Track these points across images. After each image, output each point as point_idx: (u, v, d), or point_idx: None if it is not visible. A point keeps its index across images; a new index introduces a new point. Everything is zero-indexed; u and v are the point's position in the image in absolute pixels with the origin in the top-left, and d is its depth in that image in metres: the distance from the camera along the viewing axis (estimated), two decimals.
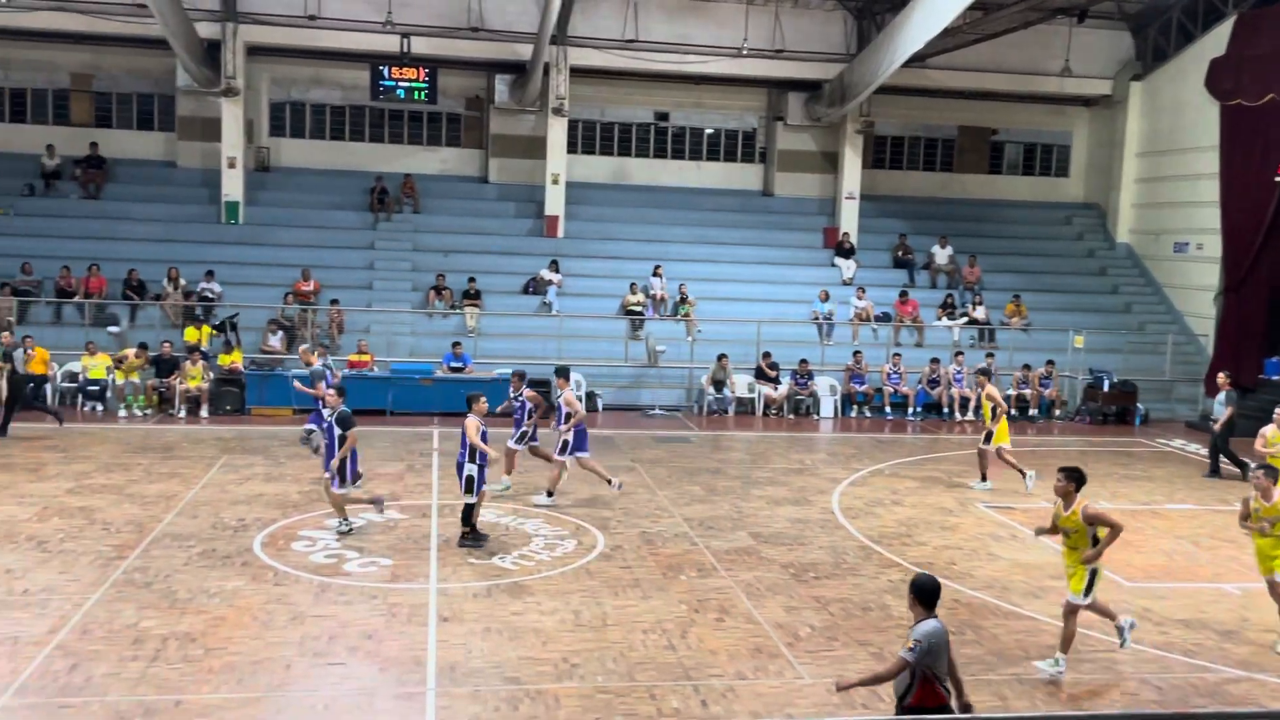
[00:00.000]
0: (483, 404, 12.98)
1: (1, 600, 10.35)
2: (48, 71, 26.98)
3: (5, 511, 13.33)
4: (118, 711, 8.15)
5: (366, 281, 25.31)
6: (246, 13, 25.21)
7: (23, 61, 26.73)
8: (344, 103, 28.20)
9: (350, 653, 9.46)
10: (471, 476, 12.50)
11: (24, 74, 26.92)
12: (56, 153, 26.23)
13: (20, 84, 26.97)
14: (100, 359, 20.91)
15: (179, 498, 14.35)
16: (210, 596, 10.67)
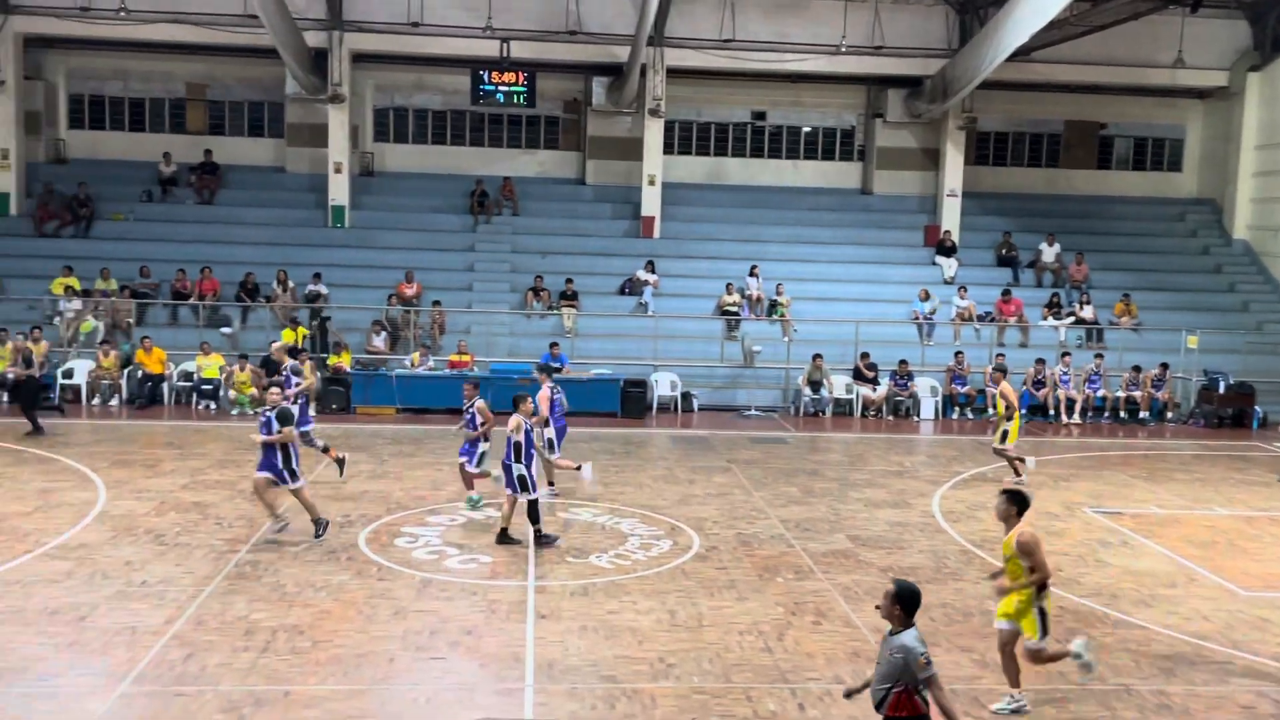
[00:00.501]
0: (529, 405, 13.03)
1: (120, 591, 10.78)
2: (164, 82, 28.07)
3: (125, 506, 13.88)
4: (230, 700, 8.43)
5: (467, 283, 25.73)
6: (352, 21, 25.86)
7: (141, 73, 27.86)
8: (445, 107, 28.72)
9: (451, 648, 9.63)
10: (524, 476, 12.52)
11: (142, 85, 28.04)
12: (173, 160, 27.26)
13: (139, 94, 28.10)
14: (214, 359, 21.64)
15: (287, 494, 14.75)
16: (317, 590, 10.96)
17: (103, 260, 24.26)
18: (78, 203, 25.86)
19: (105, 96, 28.06)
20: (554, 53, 26.49)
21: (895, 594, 6.57)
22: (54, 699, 8.40)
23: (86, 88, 27.97)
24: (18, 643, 9.43)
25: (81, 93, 27.98)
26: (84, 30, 25.14)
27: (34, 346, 21.23)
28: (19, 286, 23.83)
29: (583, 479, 15.02)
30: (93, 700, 8.36)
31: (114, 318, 23.12)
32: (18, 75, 25.58)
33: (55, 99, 27.60)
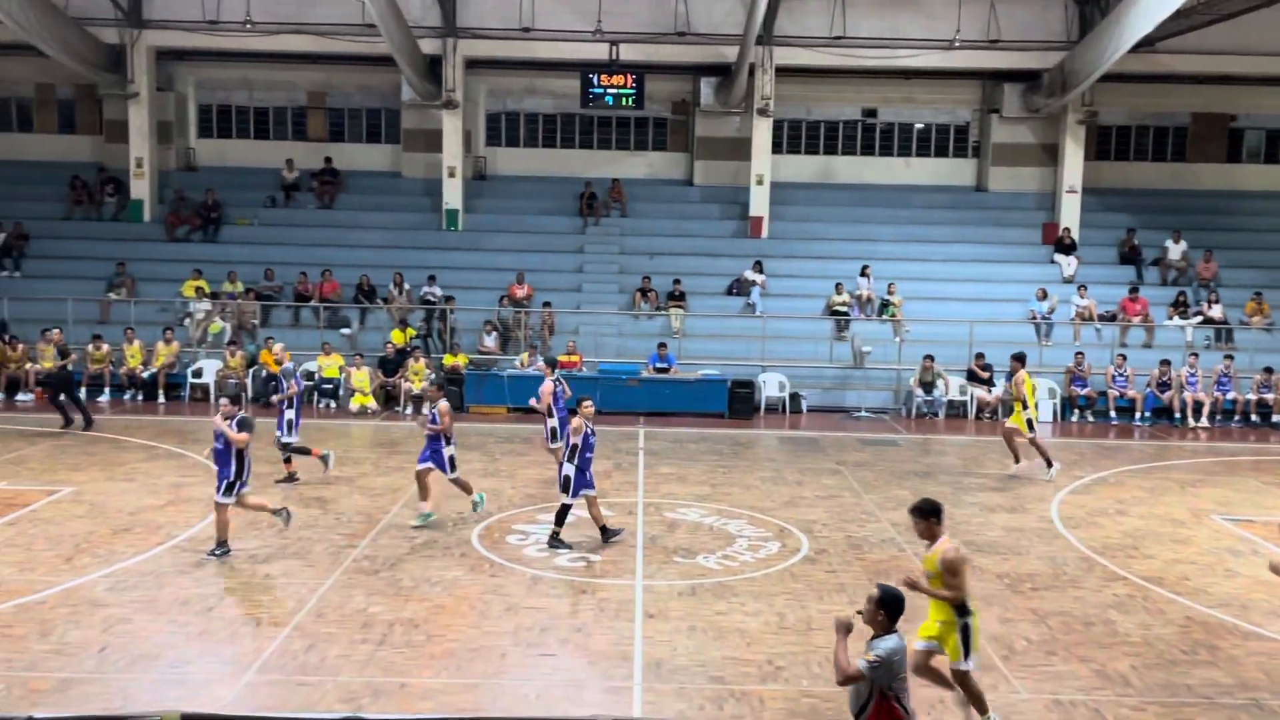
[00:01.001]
0: (589, 408, 12.79)
1: (246, 583, 11.21)
2: (287, 91, 29.04)
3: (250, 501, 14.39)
4: (349, 691, 8.69)
5: (576, 284, 25.99)
6: (466, 28, 26.37)
7: (265, 82, 28.88)
8: (555, 111, 29.07)
9: (561, 645, 9.75)
10: (569, 476, 12.47)
11: (266, 94, 29.06)
12: (295, 166, 28.19)
13: (263, 103, 29.13)
14: (334, 359, 22.29)
15: (404, 491, 15.13)
16: (432, 585, 11.22)
17: (229, 264, 25.22)
18: (206, 209, 26.93)
19: (232, 106, 29.17)
20: (663, 54, 26.58)
21: (879, 599, 6.42)
22: (184, 685, 8.77)
23: (214, 98, 29.12)
24: (150, 631, 9.88)
25: (210, 103, 29.15)
26: (212, 42, 26.20)
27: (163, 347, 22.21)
28: (151, 289, 24.92)
29: None
30: (220, 687, 8.71)
31: (240, 319, 24.01)
32: (151, 87, 26.76)
33: (185, 109, 28.81)
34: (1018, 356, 17.57)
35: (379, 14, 22.14)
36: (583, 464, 12.46)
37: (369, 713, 8.08)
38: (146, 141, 26.86)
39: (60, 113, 28.98)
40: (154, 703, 8.22)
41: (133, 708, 7.71)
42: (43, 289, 24.27)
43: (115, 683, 8.75)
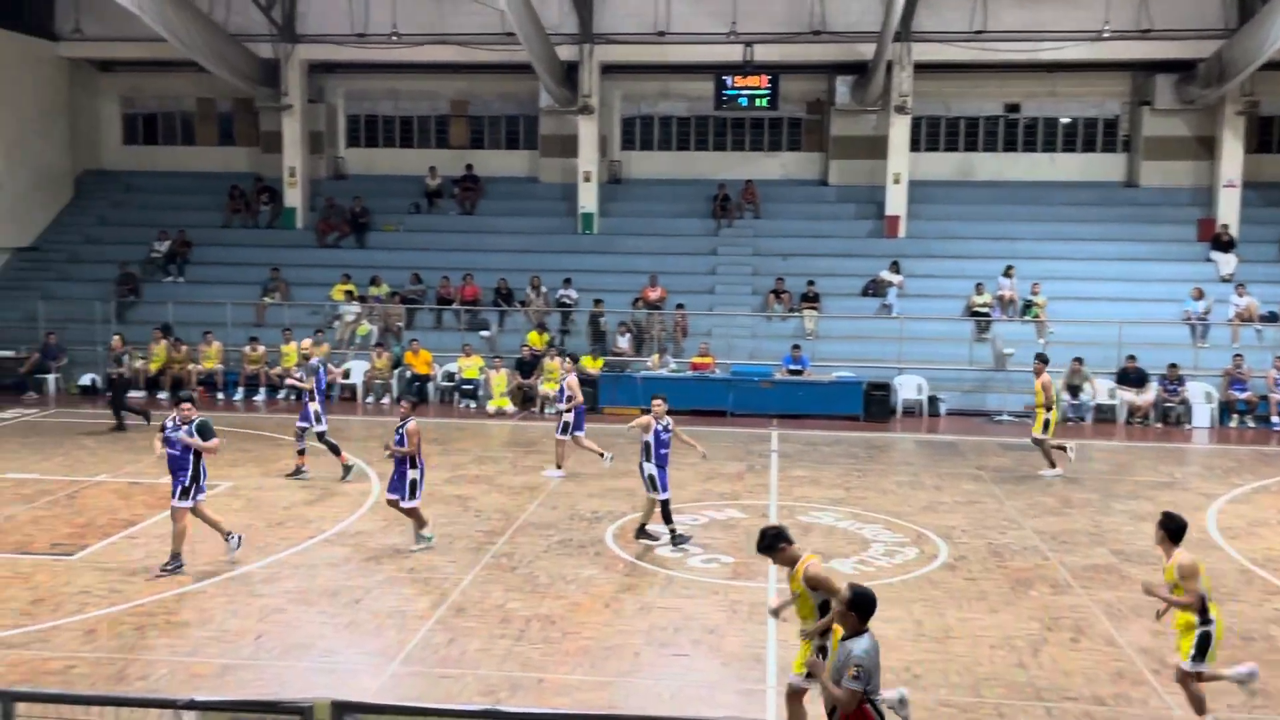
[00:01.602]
0: (661, 407, 12.88)
1: (391, 577, 11.60)
2: (430, 100, 29.93)
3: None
4: (488, 684, 8.92)
5: (709, 286, 26.02)
6: (602, 33, 26.71)
7: (410, 92, 29.82)
8: (689, 114, 29.17)
9: (694, 645, 9.80)
10: (652, 475, 12.56)
11: (411, 103, 30.01)
12: (438, 173, 29.02)
13: (408, 112, 30.09)
14: (474, 360, 22.86)
15: (540, 490, 15.44)
16: (567, 583, 11.42)
17: (376, 268, 26.12)
18: (354, 215, 27.97)
19: (379, 116, 30.22)
20: (797, 54, 26.39)
21: (850, 599, 6.31)
22: (333, 674, 9.15)
23: (362, 108, 30.22)
24: (302, 621, 10.34)
25: (358, 113, 30.25)
26: (360, 55, 27.20)
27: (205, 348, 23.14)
28: (303, 293, 26.01)
29: (603, 466, 15.93)
30: (367, 677, 9.05)
31: (386, 321, 24.85)
32: (303, 99, 27.95)
33: (335, 119, 29.98)
34: (1041, 358, 17.50)
35: (518, 22, 22.62)
36: (660, 461, 12.60)
37: (507, 706, 8.28)
38: (299, 151, 28.06)
39: (220, 125, 30.51)
40: (306, 690, 8.57)
41: (286, 694, 8.07)
42: (204, 293, 25.60)
43: (270, 670, 9.19)
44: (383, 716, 5.22)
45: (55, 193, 28.93)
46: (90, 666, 9.13)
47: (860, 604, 6.31)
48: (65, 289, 26.15)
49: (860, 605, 6.30)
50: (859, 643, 6.23)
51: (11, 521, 13.41)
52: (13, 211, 27.05)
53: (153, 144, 30.51)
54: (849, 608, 6.33)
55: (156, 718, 5.25)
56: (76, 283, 26.48)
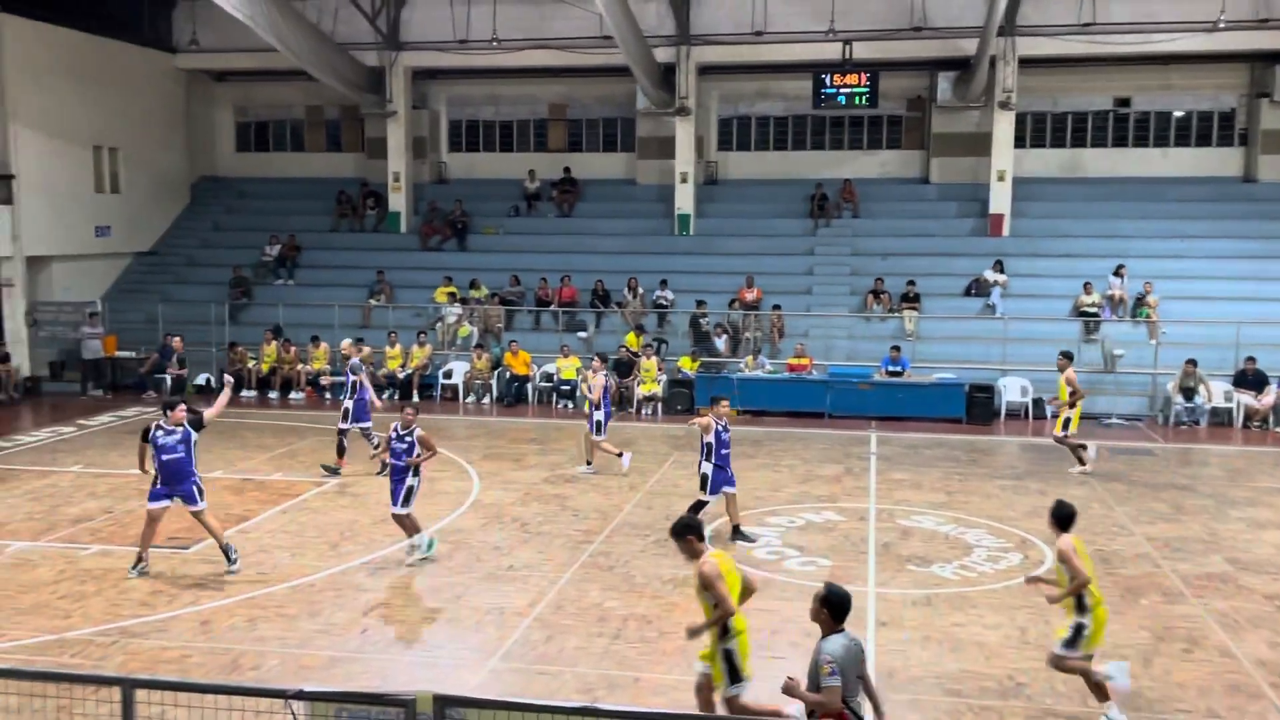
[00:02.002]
0: (723, 406, 13.13)
1: (490, 574, 11.79)
2: (529, 104, 30.31)
3: (494, 495, 15.15)
4: (585, 682, 9.01)
5: (806, 286, 25.82)
6: (699, 35, 26.72)
7: (510, 97, 30.25)
8: (786, 113, 29.00)
9: (792, 648, 9.74)
10: (706, 474, 12.74)
11: (510, 108, 30.44)
12: (537, 177, 29.37)
13: (508, 117, 30.53)
14: (572, 361, 23.08)
15: (637, 490, 15.51)
16: (664, 583, 11.46)
17: (476, 271, 26.54)
18: (456, 219, 28.48)
19: (479, 120, 30.72)
20: (898, 51, 26.02)
21: (823, 597, 6.29)
22: (435, 668, 9.35)
23: (463, 113, 30.75)
24: (406, 616, 10.58)
25: (459, 118, 30.80)
26: (462, 61, 27.69)
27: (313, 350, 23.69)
28: (407, 295, 26.56)
29: (622, 466, 16.22)
30: (467, 672, 9.22)
31: (486, 323, 25.25)
32: (407, 105, 28.56)
33: (438, 125, 30.56)
34: (1066, 354, 17.25)
35: (616, 26, 22.77)
36: (720, 461, 12.73)
37: (605, 704, 8.35)
38: (403, 157, 28.69)
39: (328, 132, 31.38)
40: (409, 683, 8.78)
41: (390, 687, 8.27)
42: (313, 296, 26.34)
43: (375, 663, 9.42)
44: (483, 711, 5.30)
45: (173, 199, 30.10)
46: (204, 656, 9.49)
47: (832, 603, 6.32)
48: (182, 292, 27.17)
49: (832, 604, 6.32)
50: (832, 641, 6.24)
51: (132, 515, 13.98)
52: (134, 218, 28.22)
53: (264, 151, 31.55)
54: (821, 605, 6.35)
55: (267, 706, 5.43)
56: (193, 286, 27.50)
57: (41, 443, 18.68)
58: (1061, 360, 17.13)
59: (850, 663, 6.28)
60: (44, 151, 24.78)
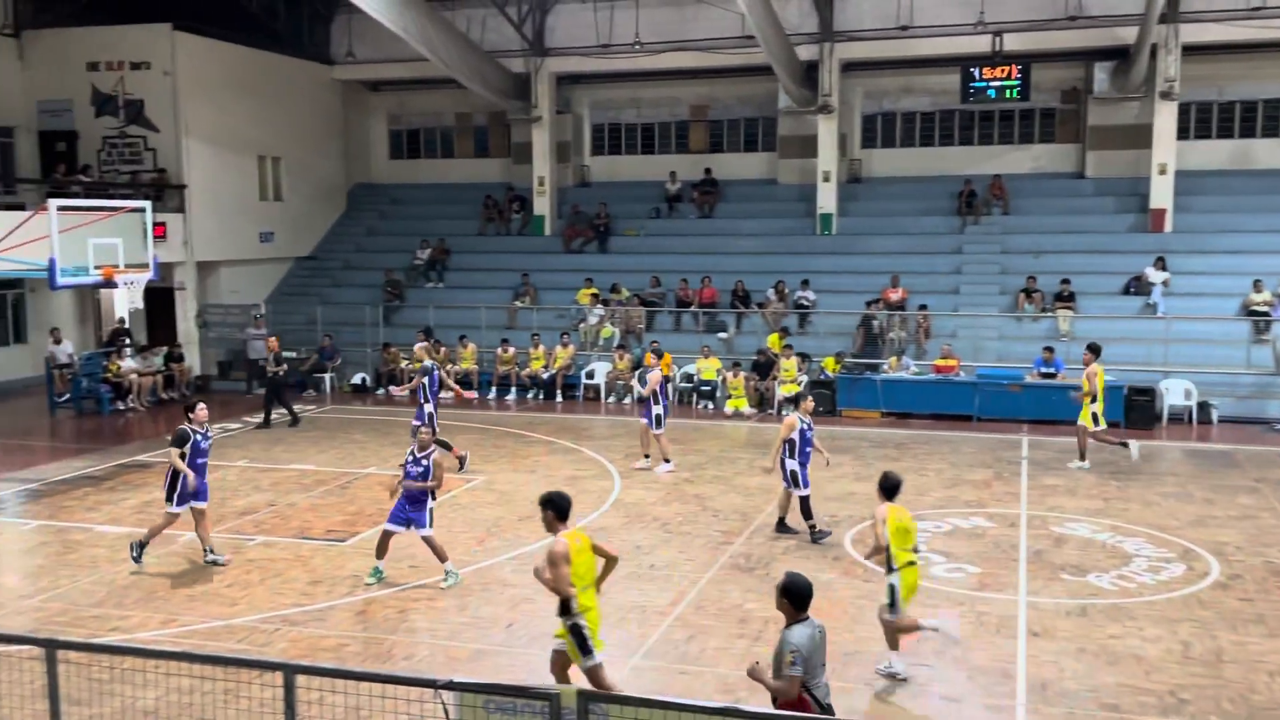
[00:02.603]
0: (809, 403, 13.38)
1: (632, 573, 11.89)
2: (671, 106, 30.47)
3: (635, 495, 15.28)
4: (726, 683, 9.00)
5: (953, 286, 25.19)
6: (842, 31, 26.38)
7: (651, 100, 30.46)
8: (933, 108, 28.36)
9: (937, 657, 9.53)
10: (794, 471, 12.86)
11: (652, 110, 30.65)
12: (677, 178, 29.49)
13: (649, 119, 30.75)
14: (712, 362, 23.08)
15: (777, 491, 15.39)
16: None
17: (617, 272, 26.83)
18: (598, 221, 28.84)
19: (621, 124, 31.03)
20: (1050, 41, 25.14)
21: (784, 587, 6.36)
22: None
23: (606, 117, 31.12)
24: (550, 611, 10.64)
25: (602, 122, 31.18)
26: (605, 65, 28.04)
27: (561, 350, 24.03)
28: (550, 297, 27.03)
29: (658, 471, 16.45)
30: (610, 668, 9.25)
31: (627, 324, 25.48)
32: (551, 110, 29.09)
33: (581, 129, 31.01)
34: (1092, 348, 17.28)
35: (758, 25, 22.68)
36: (803, 459, 12.87)
37: (747, 705, 8.32)
38: (547, 161, 29.22)
39: (475, 139, 32.21)
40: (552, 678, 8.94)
41: (535, 681, 8.43)
42: (460, 298, 27.07)
43: (520, 656, 9.63)
44: (624, 708, 5.37)
45: (331, 206, 31.39)
46: (360, 645, 9.87)
47: (790, 593, 6.37)
48: (339, 294, 28.31)
49: (790, 594, 6.37)
50: (796, 631, 6.28)
51: (293, 508, 14.66)
52: (295, 224, 29.55)
53: (415, 158, 32.60)
54: (781, 595, 6.39)
55: (418, 695, 5.61)
56: (349, 288, 28.61)
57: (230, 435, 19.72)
58: (1087, 354, 17.33)
59: (814, 651, 6.38)
60: (213, 162, 26.19)
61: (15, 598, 11.29)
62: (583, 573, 7.82)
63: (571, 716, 5.35)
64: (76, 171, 24.72)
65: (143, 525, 13.77)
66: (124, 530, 13.52)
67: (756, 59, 25.07)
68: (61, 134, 25.81)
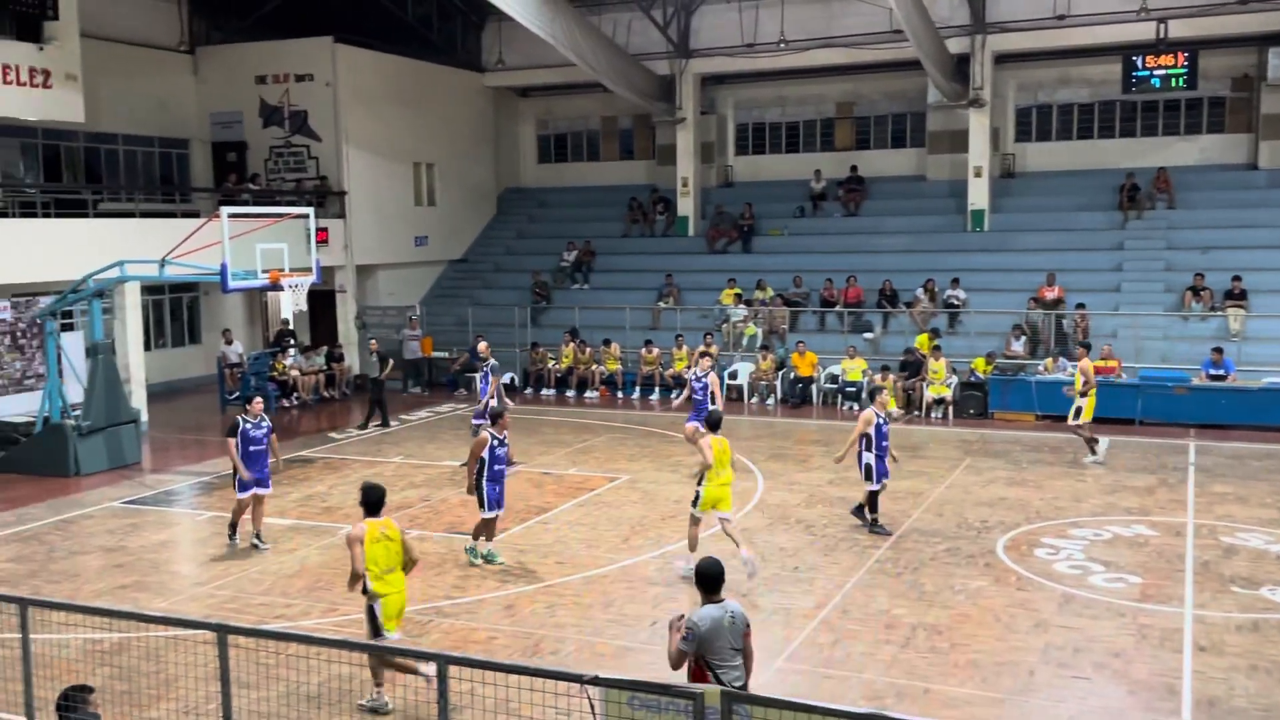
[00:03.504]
0: (884, 397, 13.59)
1: (776, 575, 11.84)
2: (816, 104, 30.16)
3: (779, 496, 15.19)
4: (873, 689, 8.87)
5: (1113, 284, 24.17)
6: (995, 22, 25.64)
7: (796, 98, 30.22)
8: (1092, 100, 27.28)
9: (1096, 669, 9.19)
10: (869, 465, 13.08)
11: (796, 108, 30.41)
12: (822, 176, 29.17)
13: (794, 118, 30.50)
14: (858, 363, 22.75)
15: (925, 495, 15.09)
16: (955, 593, 11.09)
17: (761, 272, 26.69)
18: (741, 221, 28.76)
19: (765, 123, 30.88)
20: (1220, 27, 23.85)
21: (695, 572, 6.76)
22: None
23: (750, 116, 31.01)
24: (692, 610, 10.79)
25: (746, 121, 31.09)
26: (749, 64, 27.94)
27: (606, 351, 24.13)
28: (694, 298, 27.10)
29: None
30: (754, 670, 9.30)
31: (771, 324, 25.35)
32: (695, 111, 29.16)
33: (725, 129, 30.99)
34: (1082, 344, 18.26)
35: (906, 19, 22.23)
36: (880, 452, 13.10)
37: (894, 713, 8.19)
38: (691, 162, 29.31)
39: (621, 141, 32.56)
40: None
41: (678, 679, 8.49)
42: (605, 299, 27.40)
43: (663, 654, 9.67)
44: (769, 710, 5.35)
45: (482, 210, 32.21)
46: (508, 638, 10.11)
47: (700, 578, 6.74)
48: (489, 296, 29.03)
49: (699, 579, 6.74)
50: (701, 610, 6.59)
51: (445, 504, 15.12)
52: (448, 228, 30.45)
53: (562, 161, 33.16)
54: (695, 581, 6.79)
55: (565, 689, 5.72)
56: (498, 290, 29.30)
57: (368, 435, 20.51)
58: (1079, 350, 18.01)
59: (719, 632, 6.53)
60: (371, 169, 27.21)
61: (190, 585, 11.99)
62: (379, 558, 8.54)
63: (715, 716, 5.37)
64: (246, 180, 26.09)
65: (306, 518, 14.46)
66: (289, 522, 14.20)
67: (904, 54, 24.58)
68: (232, 145, 27.25)
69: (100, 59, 23.00)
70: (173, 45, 26.63)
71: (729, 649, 6.59)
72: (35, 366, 18.84)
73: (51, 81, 21.16)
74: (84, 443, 17.32)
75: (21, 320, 18.77)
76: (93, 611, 6.60)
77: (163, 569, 12.58)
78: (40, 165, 24.51)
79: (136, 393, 20.66)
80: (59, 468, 17.07)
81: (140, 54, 25.53)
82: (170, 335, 26.68)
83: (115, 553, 13.08)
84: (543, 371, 25.22)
